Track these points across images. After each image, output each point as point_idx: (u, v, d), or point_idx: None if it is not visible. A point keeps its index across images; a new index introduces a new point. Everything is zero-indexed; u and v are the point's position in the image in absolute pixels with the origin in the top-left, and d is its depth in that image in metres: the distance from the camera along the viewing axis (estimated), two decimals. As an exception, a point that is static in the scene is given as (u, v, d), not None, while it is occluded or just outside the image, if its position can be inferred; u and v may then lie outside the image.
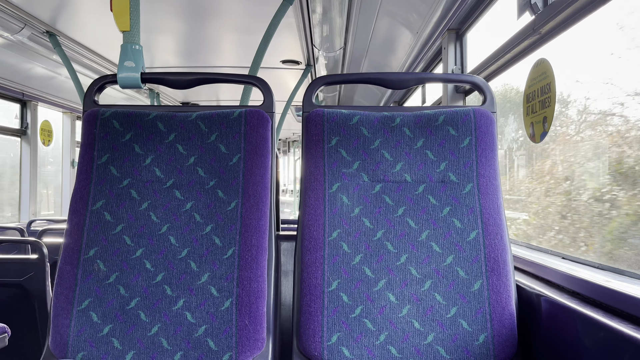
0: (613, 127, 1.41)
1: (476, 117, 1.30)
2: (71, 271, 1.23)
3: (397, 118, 1.32)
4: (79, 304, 1.20)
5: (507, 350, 1.16)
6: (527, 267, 1.39)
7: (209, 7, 2.56)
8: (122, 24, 1.35)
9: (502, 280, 1.19)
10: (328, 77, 1.41)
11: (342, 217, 1.25)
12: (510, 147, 2.09)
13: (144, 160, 1.31)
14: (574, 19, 1.37)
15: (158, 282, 1.22)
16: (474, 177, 1.27)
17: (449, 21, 2.27)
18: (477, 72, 2.05)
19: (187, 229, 1.26)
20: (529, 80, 1.52)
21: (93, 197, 1.28)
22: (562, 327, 1.05)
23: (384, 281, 1.21)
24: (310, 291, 1.21)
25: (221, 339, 1.18)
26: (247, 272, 1.21)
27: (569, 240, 1.58)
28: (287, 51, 3.38)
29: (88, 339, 1.18)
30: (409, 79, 1.41)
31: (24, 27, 2.68)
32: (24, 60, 3.31)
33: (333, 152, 1.30)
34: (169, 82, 1.41)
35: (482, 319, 1.17)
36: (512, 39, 1.70)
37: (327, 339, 1.18)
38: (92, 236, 1.25)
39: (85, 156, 1.32)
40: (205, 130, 1.32)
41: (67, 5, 2.52)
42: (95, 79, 1.42)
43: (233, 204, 1.27)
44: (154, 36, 3.04)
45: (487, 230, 1.22)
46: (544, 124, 1.44)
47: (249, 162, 1.30)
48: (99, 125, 1.33)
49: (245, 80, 1.41)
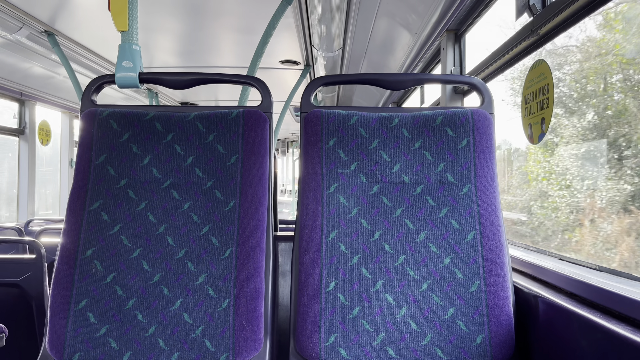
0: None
1: (474, 118, 1.30)
2: (68, 271, 1.22)
3: (396, 119, 1.32)
4: (76, 304, 1.20)
5: (505, 351, 1.16)
6: (524, 268, 1.39)
7: (208, 7, 2.56)
8: (120, 24, 1.35)
9: (500, 282, 1.19)
10: (326, 78, 1.41)
11: (339, 217, 1.25)
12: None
13: (142, 161, 1.31)
14: (572, 20, 1.37)
15: (155, 282, 1.22)
16: (471, 178, 1.26)
17: (448, 22, 2.27)
18: (476, 73, 2.05)
19: (184, 229, 1.26)
20: (527, 81, 1.52)
21: (90, 197, 1.28)
22: (559, 328, 1.05)
23: (381, 282, 1.21)
24: (307, 292, 1.21)
25: (218, 340, 1.18)
26: (245, 273, 1.21)
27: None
28: (285, 51, 3.38)
29: (85, 339, 1.18)
30: (407, 79, 1.40)
31: (23, 26, 2.67)
32: (22, 59, 3.30)
33: (331, 153, 1.30)
34: (167, 82, 1.41)
35: (480, 320, 1.17)
36: (511, 40, 1.70)
37: (325, 339, 1.18)
38: (89, 236, 1.25)
39: (82, 156, 1.32)
40: (203, 131, 1.32)
41: (66, 4, 2.51)
42: (93, 78, 1.42)
43: (231, 205, 1.27)
44: (153, 36, 3.04)
45: (484, 232, 1.22)
46: (542, 125, 1.44)
47: (247, 163, 1.30)
48: (97, 125, 1.33)
49: (243, 81, 1.41)
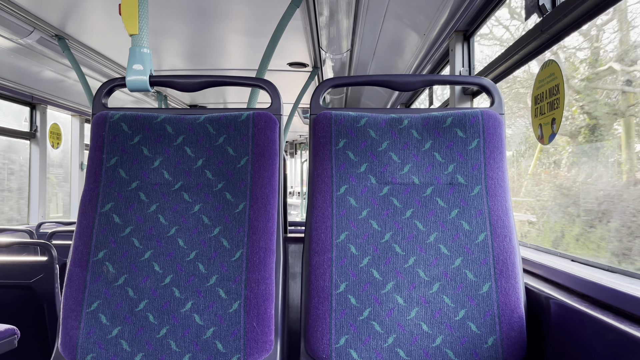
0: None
1: (484, 118, 1.29)
2: (80, 273, 1.23)
3: (405, 120, 1.31)
4: (88, 306, 1.21)
5: (516, 353, 1.15)
6: (535, 270, 1.38)
7: (216, 9, 2.57)
8: (130, 27, 1.36)
9: (511, 283, 1.18)
10: (335, 80, 1.41)
11: (349, 219, 1.25)
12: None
13: (153, 163, 1.31)
14: (582, 20, 1.36)
15: (166, 284, 1.22)
16: (482, 179, 1.26)
17: (456, 23, 2.26)
18: (485, 73, 2.04)
19: (195, 231, 1.26)
20: (537, 81, 1.51)
21: (102, 200, 1.29)
22: (572, 329, 1.04)
23: (392, 283, 1.20)
24: (318, 293, 1.21)
25: (229, 341, 1.18)
26: (255, 275, 1.22)
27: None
28: (294, 53, 3.39)
29: (97, 340, 1.19)
30: (416, 81, 1.40)
31: (33, 30, 2.70)
32: (33, 63, 3.34)
33: (340, 155, 1.30)
34: (177, 85, 1.42)
35: (491, 322, 1.16)
36: (520, 40, 1.69)
37: (335, 341, 1.18)
38: (101, 238, 1.26)
39: (94, 159, 1.33)
40: (213, 133, 1.33)
41: (76, 9, 2.54)
42: (104, 82, 1.43)
43: (241, 207, 1.27)
44: (162, 39, 3.06)
45: (495, 233, 1.22)
46: (552, 125, 1.43)
47: (257, 165, 1.30)
48: (108, 128, 1.34)
49: (252, 83, 1.42)
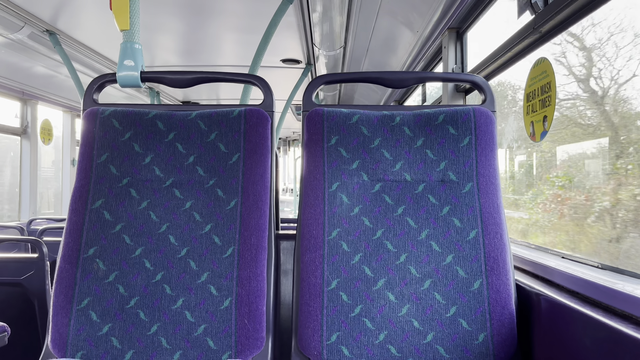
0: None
1: (476, 116, 1.29)
2: (70, 270, 1.23)
3: (397, 117, 1.31)
4: (78, 303, 1.20)
5: (507, 349, 1.16)
6: (526, 267, 1.39)
7: (209, 6, 2.56)
8: (121, 23, 1.35)
9: (502, 280, 1.19)
10: (328, 76, 1.41)
11: (341, 216, 1.25)
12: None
13: (144, 159, 1.31)
14: (574, 18, 1.37)
15: (157, 281, 1.22)
16: (473, 176, 1.26)
17: (449, 20, 2.26)
18: (477, 71, 2.05)
19: (186, 228, 1.26)
20: (529, 79, 1.52)
21: (92, 196, 1.28)
22: (562, 326, 1.05)
23: (383, 280, 1.21)
24: (309, 290, 1.21)
25: (220, 338, 1.18)
26: (247, 271, 1.21)
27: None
28: (287, 50, 3.38)
29: (87, 337, 1.18)
30: (408, 78, 1.40)
31: (24, 25, 2.67)
32: (24, 58, 3.31)
33: (333, 151, 1.30)
34: (168, 81, 1.41)
35: (482, 318, 1.17)
36: (512, 38, 1.69)
37: (327, 338, 1.18)
38: (92, 235, 1.25)
39: (84, 155, 1.32)
40: (205, 129, 1.32)
41: (68, 3, 2.52)
42: (95, 77, 1.42)
43: (232, 203, 1.27)
44: (154, 35, 3.04)
45: (486, 230, 1.22)
46: (544, 123, 1.44)
47: (249, 161, 1.30)
48: (99, 124, 1.33)
49: (245, 79, 1.41)
